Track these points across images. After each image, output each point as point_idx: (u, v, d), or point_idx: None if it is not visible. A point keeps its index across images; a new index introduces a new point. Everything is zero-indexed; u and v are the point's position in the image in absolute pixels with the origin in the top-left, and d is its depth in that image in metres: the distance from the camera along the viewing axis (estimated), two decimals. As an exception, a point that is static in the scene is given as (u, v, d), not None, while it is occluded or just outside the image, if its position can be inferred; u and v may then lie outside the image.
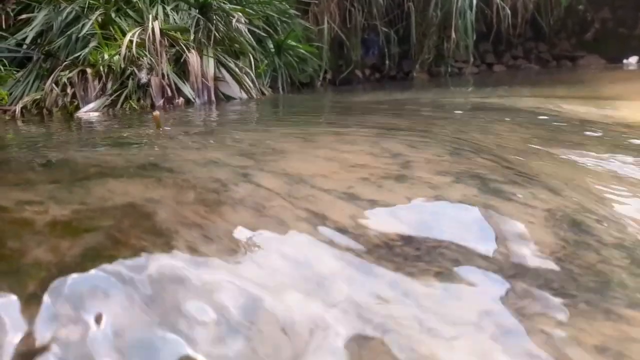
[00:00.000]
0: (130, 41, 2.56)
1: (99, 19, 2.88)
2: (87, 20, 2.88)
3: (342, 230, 0.65)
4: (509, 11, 6.18)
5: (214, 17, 2.96)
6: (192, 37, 2.86)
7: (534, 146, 1.32)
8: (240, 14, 3.27)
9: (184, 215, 0.64)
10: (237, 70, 2.99)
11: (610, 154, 1.25)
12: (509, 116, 1.86)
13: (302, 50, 3.88)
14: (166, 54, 2.70)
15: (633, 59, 7.10)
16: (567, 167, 1.12)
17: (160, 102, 2.51)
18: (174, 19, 2.92)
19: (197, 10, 2.97)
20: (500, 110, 2.02)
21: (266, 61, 3.65)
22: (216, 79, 2.93)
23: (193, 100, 2.65)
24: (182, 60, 2.79)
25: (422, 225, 0.68)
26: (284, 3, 3.86)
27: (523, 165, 1.06)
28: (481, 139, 1.33)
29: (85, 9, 3.01)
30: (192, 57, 2.72)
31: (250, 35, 3.32)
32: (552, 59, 7.10)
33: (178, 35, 2.80)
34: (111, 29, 2.85)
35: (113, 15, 2.93)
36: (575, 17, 7.15)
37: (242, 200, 0.70)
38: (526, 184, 0.86)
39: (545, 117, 1.78)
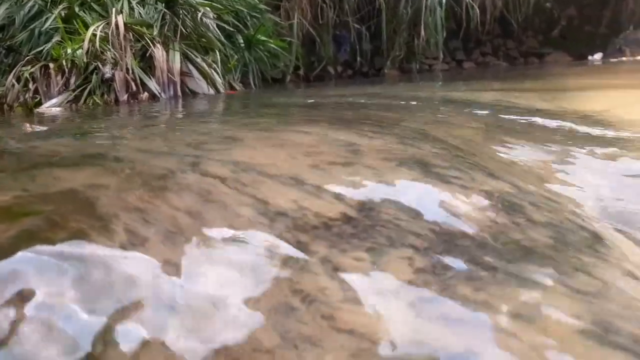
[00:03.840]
0: (94, 35, 2.53)
1: (62, 13, 2.84)
2: (50, 14, 2.83)
3: (282, 213, 0.67)
4: (477, 9, 6.29)
5: (180, 12, 2.94)
6: (157, 32, 2.84)
7: (487, 135, 1.36)
8: (208, 8, 3.26)
9: (126, 200, 0.65)
10: (204, 65, 2.98)
11: (558, 141, 1.31)
12: (468, 108, 1.91)
13: (272, 45, 3.88)
14: (131, 49, 2.68)
15: (597, 56, 7.32)
16: (515, 153, 1.16)
17: (124, 97, 2.49)
18: (140, 13, 2.89)
19: (163, 5, 2.95)
20: (460, 102, 2.07)
21: (236, 56, 3.65)
22: (183, 74, 2.92)
23: (158, 95, 2.64)
24: (147, 55, 2.77)
25: (362, 206, 0.71)
26: (253, -2, 3.85)
27: (470, 152, 1.10)
28: (436, 129, 1.36)
29: (49, 3, 2.96)
30: (158, 52, 2.71)
31: (218, 30, 3.31)
32: (519, 56, 7.26)
33: (144, 29, 2.78)
34: (75, 23, 2.81)
35: (77, 9, 2.89)
36: (542, 14, 7.32)
37: (188, 187, 0.72)
38: (468, 169, 0.90)
39: (502, 109, 1.84)
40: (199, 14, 2.89)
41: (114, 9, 2.70)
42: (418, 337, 0.45)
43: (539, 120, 1.60)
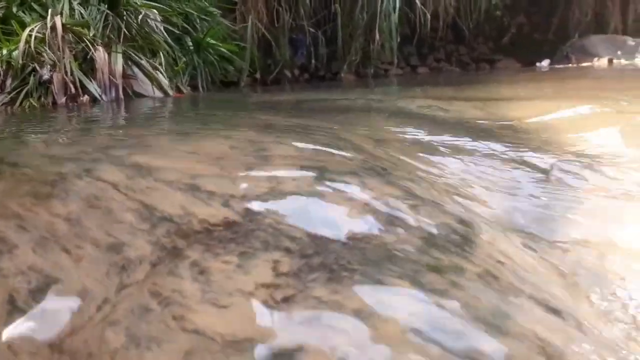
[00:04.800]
0: (30, 36, 2.48)
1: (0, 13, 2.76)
2: (-14, 13, 2.76)
3: (167, 219, 0.70)
4: (429, 15, 6.45)
5: (124, 13, 2.91)
6: (99, 33, 2.80)
7: (403, 142, 1.42)
8: (155, 10, 3.24)
9: (7, 207, 0.66)
10: (149, 67, 2.96)
11: (468, 149, 1.38)
12: (400, 115, 1.97)
13: (222, 49, 3.88)
14: (71, 50, 2.63)
15: (545, 62, 7.63)
16: (425, 159, 1.22)
17: (62, 99, 2.45)
18: (81, 14, 2.85)
19: (106, 5, 2.91)
20: (392, 110, 2.14)
21: (184, 59, 3.63)
22: (128, 76, 2.89)
23: (99, 97, 2.60)
24: (89, 57, 2.73)
25: (248, 212, 0.74)
26: (203, 1, 3.84)
27: (379, 158, 1.15)
28: (357, 136, 1.41)
29: (-15, 2, 2.87)
30: (100, 54, 2.67)
31: (165, 33, 3.29)
32: (471, 62, 7.50)
33: (85, 30, 2.74)
34: (13, 24, 2.74)
35: (15, 9, 2.82)
36: (493, 22, 7.58)
37: (76, 193, 0.73)
38: (367, 175, 0.94)
39: (430, 116, 1.91)
40: (141, 16, 2.87)
41: (50, 10, 2.65)
42: (256, 334, 0.48)
43: (459, 127, 1.68)
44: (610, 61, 6.98)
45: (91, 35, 2.63)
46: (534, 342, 0.55)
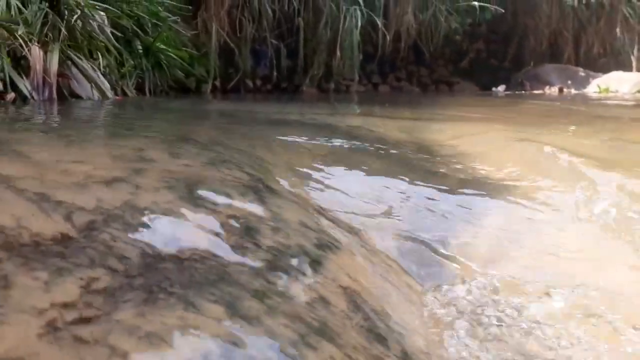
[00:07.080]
0: (-44, 29, 2.39)
1: None
2: None
3: (-3, 230, 0.67)
4: (388, 36, 6.58)
5: (65, 12, 2.85)
6: (37, 31, 2.73)
7: (313, 160, 1.43)
8: (102, 12, 3.19)
9: None
10: (88, 69, 2.90)
11: (373, 169, 1.40)
12: (325, 133, 1.99)
13: (172, 55, 3.84)
14: (4, 47, 2.55)
15: (501, 88, 7.87)
16: (318, 180, 1.23)
17: (-14, 96, 2.37)
18: (17, 10, 2.77)
19: (47, 4, 2.84)
20: (321, 126, 2.15)
21: (132, 62, 3.58)
22: (65, 76, 2.83)
23: (30, 96, 2.53)
24: (24, 54, 2.66)
25: (88, 226, 0.72)
26: (155, 4, 3.80)
27: (269, 177, 1.15)
28: (266, 151, 1.41)
29: None
30: (35, 52, 2.60)
31: (110, 34, 3.23)
32: (431, 83, 7.67)
33: (18, 27, 2.66)
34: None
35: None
36: (453, 46, 7.80)
37: None
38: (237, 195, 0.94)
39: (354, 136, 1.93)
40: (76, 15, 2.81)
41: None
42: (23, 355, 0.47)
43: (373, 149, 1.70)
44: (560, 90, 7.26)
45: (19, 32, 2.55)
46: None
